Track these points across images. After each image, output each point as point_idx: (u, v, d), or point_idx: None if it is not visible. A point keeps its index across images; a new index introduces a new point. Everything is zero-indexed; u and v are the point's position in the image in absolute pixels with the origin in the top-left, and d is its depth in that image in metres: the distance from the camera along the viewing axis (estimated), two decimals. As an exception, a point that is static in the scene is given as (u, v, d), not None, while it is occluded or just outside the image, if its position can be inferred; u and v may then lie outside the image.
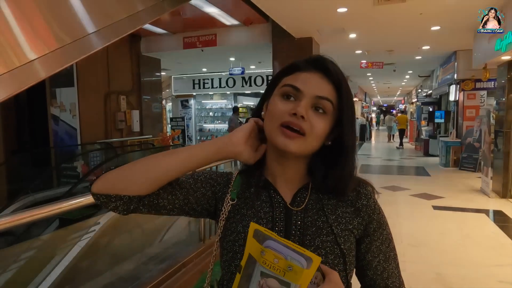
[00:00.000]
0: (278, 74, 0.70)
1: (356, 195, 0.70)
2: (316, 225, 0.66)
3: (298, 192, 0.70)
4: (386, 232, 0.71)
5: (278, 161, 0.70)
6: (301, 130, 0.63)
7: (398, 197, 5.64)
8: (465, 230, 4.07)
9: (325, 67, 0.66)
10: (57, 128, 6.51)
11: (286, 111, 0.63)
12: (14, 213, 1.64)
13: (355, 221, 0.69)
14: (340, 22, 5.56)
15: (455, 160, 8.32)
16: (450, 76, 8.74)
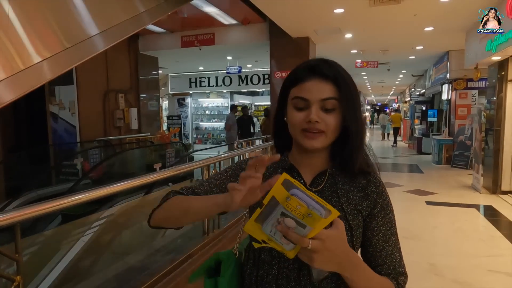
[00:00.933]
0: (286, 85, 0.81)
1: (367, 183, 0.82)
2: (330, 204, 0.77)
3: (317, 176, 0.81)
4: (389, 217, 0.81)
5: (303, 152, 0.81)
6: (319, 131, 0.75)
7: (392, 193, 5.80)
8: (457, 224, 4.23)
9: (320, 71, 0.76)
10: (56, 126, 6.54)
11: (302, 120, 0.75)
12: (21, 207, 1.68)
13: (364, 203, 0.80)
14: (336, 22, 5.69)
15: (448, 157, 8.51)
16: (443, 75, 8.92)
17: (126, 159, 5.82)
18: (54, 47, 2.87)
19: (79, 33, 3.17)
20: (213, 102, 12.78)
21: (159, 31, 7.44)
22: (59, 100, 6.54)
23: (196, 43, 7.35)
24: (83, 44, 3.18)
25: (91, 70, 6.60)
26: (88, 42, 3.24)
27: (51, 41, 2.88)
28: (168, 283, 2.21)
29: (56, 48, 2.87)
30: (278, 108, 0.84)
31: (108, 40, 3.46)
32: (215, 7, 6.01)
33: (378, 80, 15.62)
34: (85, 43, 3.20)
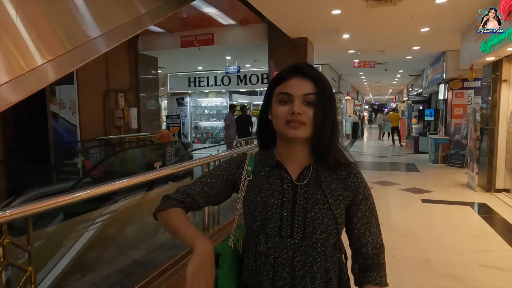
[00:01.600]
0: (271, 85, 0.92)
1: (347, 174, 0.92)
2: (315, 197, 0.88)
3: (303, 171, 0.90)
4: (369, 202, 0.94)
5: (287, 146, 0.91)
6: (301, 122, 0.85)
7: (388, 191, 5.89)
8: (451, 220, 4.32)
9: (302, 71, 0.87)
10: (57, 125, 6.60)
11: (286, 112, 0.85)
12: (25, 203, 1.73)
13: (345, 194, 0.90)
14: (334, 23, 5.77)
15: (444, 156, 8.61)
16: (439, 75, 9.01)
17: (127, 158, 5.88)
18: (56, 49, 2.93)
19: (81, 36, 3.23)
20: (212, 101, 12.85)
21: (158, 31, 7.50)
22: (60, 100, 6.60)
23: (195, 43, 7.42)
24: (85, 46, 3.24)
25: (91, 70, 6.65)
26: (90, 44, 3.30)
27: (53, 44, 2.94)
28: (170, 277, 2.29)
29: (58, 50, 2.94)
30: (263, 107, 0.94)
31: (109, 42, 3.52)
32: (215, 7, 6.08)
33: (376, 80, 15.72)
34: (87, 45, 3.26)
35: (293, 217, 0.86)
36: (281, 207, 0.87)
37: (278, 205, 0.87)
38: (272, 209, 0.87)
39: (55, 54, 2.88)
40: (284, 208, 0.87)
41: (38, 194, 4.78)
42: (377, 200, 0.98)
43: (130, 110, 7.54)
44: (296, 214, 0.86)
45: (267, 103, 0.92)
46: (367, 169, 8.48)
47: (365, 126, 22.85)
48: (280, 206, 0.87)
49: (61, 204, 1.65)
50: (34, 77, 2.73)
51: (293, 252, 0.85)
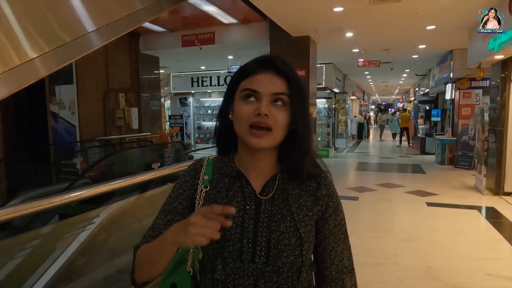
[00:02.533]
0: (235, 78, 0.77)
1: (317, 186, 0.79)
2: (281, 213, 0.75)
3: (267, 182, 0.78)
4: (339, 218, 0.81)
5: (250, 154, 0.77)
6: (267, 127, 0.71)
7: (393, 194, 5.73)
8: (457, 225, 4.15)
9: (274, 65, 0.74)
10: (56, 125, 6.56)
11: (250, 112, 0.71)
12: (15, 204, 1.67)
13: (315, 208, 0.78)
14: (336, 21, 5.63)
15: (451, 158, 8.41)
16: (446, 74, 8.81)
17: (125, 159, 5.80)
18: (51, 42, 2.85)
19: (76, 29, 3.15)
20: (215, 101, 12.76)
21: (159, 30, 7.42)
22: (60, 100, 6.56)
23: (196, 43, 7.33)
24: (82, 40, 3.16)
25: (91, 70, 6.61)
26: (86, 38, 3.22)
27: (48, 37, 2.86)
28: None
29: (53, 43, 2.86)
30: (223, 104, 0.80)
31: (106, 36, 3.43)
32: (215, 6, 5.98)
33: (382, 79, 15.51)
34: (83, 39, 3.18)
35: (255, 238, 0.74)
36: (241, 227, 0.74)
37: (238, 224, 0.75)
38: (231, 229, 0.74)
39: (49, 47, 2.80)
40: (245, 228, 0.74)
41: (35, 195, 4.72)
42: (380, 203, 0.87)
43: (131, 110, 7.48)
44: (259, 235, 0.74)
45: (229, 100, 0.77)
46: (372, 171, 8.32)
47: (371, 126, 22.59)
48: (240, 225, 0.75)
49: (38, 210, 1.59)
50: (28, 70, 2.65)
51: (255, 279, 0.73)
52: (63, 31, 3.00)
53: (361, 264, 3.03)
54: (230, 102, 0.77)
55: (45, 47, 2.77)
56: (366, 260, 3.15)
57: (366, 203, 5.19)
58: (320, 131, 10.61)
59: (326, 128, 10.87)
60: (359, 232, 3.89)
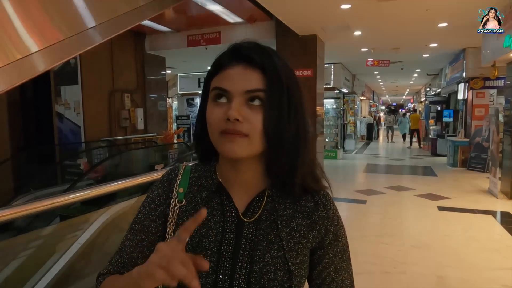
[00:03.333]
0: (207, 77, 0.65)
1: (314, 206, 0.65)
2: (267, 239, 0.62)
3: (253, 201, 0.64)
4: (341, 244, 0.67)
5: (231, 165, 0.63)
6: (241, 133, 0.57)
7: (402, 197, 5.54)
8: (470, 232, 3.96)
9: (245, 55, 0.60)
10: (62, 126, 6.56)
11: (221, 117, 0.58)
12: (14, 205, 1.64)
13: (310, 234, 0.64)
14: (344, 19, 5.48)
15: (463, 160, 8.16)
16: (459, 74, 8.57)
17: (128, 160, 5.75)
18: (49, 37, 2.79)
19: (78, 23, 3.09)
20: (222, 102, 12.71)
21: (165, 30, 7.37)
22: (65, 100, 6.55)
23: (202, 42, 7.26)
24: (83, 34, 3.10)
25: (96, 70, 6.59)
26: (88, 33, 3.16)
27: (47, 31, 2.80)
28: None
29: (54, 37, 2.80)
30: (201, 106, 0.66)
31: (108, 32, 3.37)
32: (220, 5, 5.89)
33: (392, 79, 15.23)
34: (84, 34, 3.12)
35: (233, 269, 0.60)
36: (217, 254, 0.61)
37: (214, 250, 0.61)
38: (205, 257, 0.61)
39: (49, 42, 2.75)
40: (222, 256, 0.61)
41: (40, 196, 4.70)
42: (389, 207, 0.73)
43: (136, 110, 7.45)
44: (237, 266, 0.60)
45: (205, 100, 0.64)
46: (381, 173, 8.12)
47: (381, 127, 22.24)
48: (216, 252, 0.61)
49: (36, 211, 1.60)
50: (27, 65, 2.60)
51: None
52: (65, 25, 2.94)
53: (368, 272, 2.89)
54: (206, 104, 0.64)
55: (47, 42, 2.71)
56: (373, 268, 2.99)
57: (374, 206, 5.02)
58: (328, 132, 10.44)
59: (334, 129, 10.70)
60: (366, 237, 3.74)
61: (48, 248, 2.92)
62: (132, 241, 0.66)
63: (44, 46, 2.72)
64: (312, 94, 6.47)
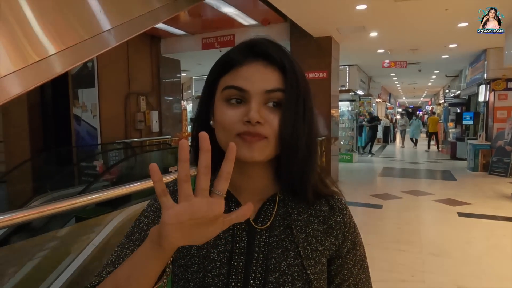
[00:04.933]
0: (214, 76, 0.59)
1: (330, 211, 0.61)
2: (282, 246, 0.57)
3: (264, 206, 0.60)
4: (359, 253, 0.63)
5: (240, 169, 0.58)
6: (261, 136, 0.54)
7: (420, 202, 5.38)
8: (493, 239, 3.80)
9: (263, 52, 0.56)
10: (79, 128, 6.68)
11: (237, 119, 0.54)
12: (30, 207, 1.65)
13: (328, 241, 0.60)
14: (360, 19, 5.39)
15: (484, 164, 7.89)
16: (480, 75, 8.32)
17: (143, 162, 5.81)
18: (66, 39, 2.84)
19: (94, 26, 3.13)
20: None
21: (180, 33, 7.44)
22: (82, 103, 6.68)
23: (216, 45, 7.29)
24: (98, 38, 3.14)
25: (113, 73, 6.69)
26: (104, 35, 3.20)
27: (64, 34, 2.85)
28: None
29: (71, 40, 2.84)
30: (201, 108, 0.61)
31: (123, 35, 3.40)
32: (234, 7, 5.90)
33: (409, 81, 14.93)
34: (101, 36, 3.16)
35: (246, 281, 0.55)
36: (228, 265, 0.56)
37: (224, 261, 0.56)
38: (213, 269, 0.56)
39: (65, 44, 2.79)
40: (233, 267, 0.56)
41: (58, 196, 4.80)
42: (406, 212, 0.67)
43: (151, 113, 7.53)
44: (251, 277, 0.55)
45: (208, 101, 0.59)
46: (397, 177, 7.93)
47: (397, 130, 21.82)
48: (227, 263, 0.56)
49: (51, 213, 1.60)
50: (46, 67, 2.65)
51: None
52: (82, 28, 2.98)
53: (384, 280, 2.79)
54: (211, 104, 0.59)
55: (63, 44, 2.75)
56: (390, 276, 2.90)
57: (390, 211, 4.89)
58: (343, 135, 10.29)
59: (349, 131, 10.54)
60: (383, 243, 3.63)
61: (64, 248, 2.96)
62: (132, 251, 0.60)
63: (61, 48, 2.77)
64: (327, 96, 6.39)
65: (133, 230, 0.63)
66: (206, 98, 0.60)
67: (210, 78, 0.60)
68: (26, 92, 2.54)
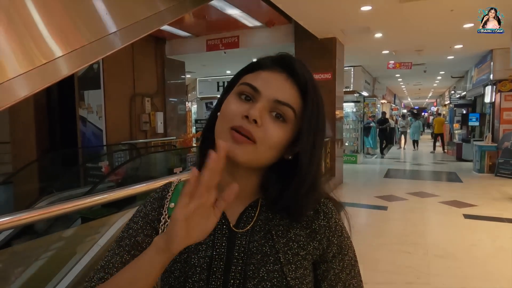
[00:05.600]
0: (240, 72, 0.61)
1: (314, 214, 0.60)
2: (262, 252, 0.57)
3: (246, 210, 0.60)
4: (348, 258, 0.62)
5: (228, 170, 0.58)
6: (250, 137, 0.53)
7: (426, 204, 5.35)
8: (499, 242, 3.77)
9: (291, 67, 0.57)
10: (85, 129, 6.74)
11: (238, 113, 0.54)
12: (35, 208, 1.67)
13: (310, 245, 0.59)
14: (364, 21, 5.37)
15: (491, 165, 7.83)
16: (486, 76, 8.26)
17: (148, 163, 5.84)
18: (73, 42, 2.86)
19: (100, 29, 3.16)
20: (241, 105, 12.74)
21: (184, 35, 7.48)
22: (88, 104, 6.74)
23: (221, 47, 7.32)
24: (104, 40, 3.16)
25: (118, 75, 6.74)
26: (110, 37, 3.22)
27: (70, 37, 2.88)
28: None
29: (75, 43, 2.87)
30: (220, 101, 0.62)
31: (128, 37, 3.43)
32: (239, 9, 5.92)
33: (414, 82, 14.85)
34: (107, 38, 3.18)
35: (225, 286, 0.56)
36: (208, 271, 0.56)
37: (204, 267, 0.57)
38: (194, 275, 0.56)
39: (72, 47, 2.82)
40: (212, 273, 0.56)
41: (62, 197, 4.84)
42: (411, 214, 0.67)
43: (156, 114, 7.57)
44: (229, 283, 0.55)
45: (225, 95, 0.61)
46: (403, 178, 7.89)
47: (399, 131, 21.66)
48: (206, 268, 0.57)
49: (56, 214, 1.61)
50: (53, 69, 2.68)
51: None
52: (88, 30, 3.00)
53: (389, 282, 2.78)
54: (226, 97, 0.61)
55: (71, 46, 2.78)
56: (395, 278, 2.89)
57: (395, 213, 4.87)
58: (348, 136, 10.27)
59: (354, 133, 10.51)
60: (387, 245, 3.62)
61: (70, 248, 2.99)
62: (122, 257, 0.60)
63: (68, 51, 2.79)
64: (332, 98, 6.38)
65: (123, 235, 0.63)
66: (225, 93, 0.62)
67: (235, 76, 0.62)
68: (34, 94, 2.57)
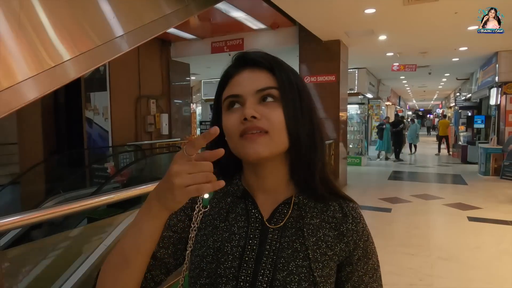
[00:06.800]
0: (217, 93, 0.65)
1: (343, 218, 0.63)
2: (293, 247, 0.60)
3: (279, 207, 0.63)
4: (372, 262, 0.64)
5: (255, 171, 0.63)
6: (261, 130, 0.57)
7: (430, 206, 5.34)
8: (503, 244, 3.76)
9: (249, 58, 0.62)
10: (91, 131, 6.81)
11: (237, 120, 0.58)
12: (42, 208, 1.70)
13: (338, 246, 0.62)
14: (368, 23, 5.39)
15: (496, 168, 7.78)
16: (491, 78, 8.22)
17: (152, 164, 5.89)
18: (80, 45, 2.91)
19: (107, 32, 3.21)
20: (245, 107, 12.78)
21: (189, 37, 7.54)
22: (94, 106, 6.81)
23: (225, 49, 7.36)
24: (111, 43, 3.21)
25: (124, 77, 6.81)
26: (117, 41, 3.27)
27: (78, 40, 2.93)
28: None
29: (82, 47, 2.92)
30: (213, 122, 0.66)
31: (134, 40, 3.47)
32: (243, 12, 5.96)
33: (419, 84, 14.80)
34: (112, 42, 3.23)
35: (255, 276, 0.58)
36: (239, 259, 0.59)
37: (236, 256, 0.60)
38: (226, 262, 0.59)
39: (79, 50, 2.86)
40: (244, 262, 0.59)
41: (69, 198, 4.90)
42: (415, 216, 0.70)
43: (161, 116, 7.63)
44: (260, 273, 0.58)
45: (218, 117, 0.64)
46: (407, 180, 7.87)
47: (407, 133, 21.56)
48: (238, 257, 0.60)
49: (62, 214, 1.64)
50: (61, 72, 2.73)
51: None
52: (95, 34, 3.05)
53: (392, 283, 2.80)
54: (221, 121, 0.63)
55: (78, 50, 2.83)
56: (398, 280, 2.90)
57: (399, 215, 4.87)
58: (352, 138, 10.26)
59: (358, 135, 10.51)
60: (391, 247, 3.63)
61: (76, 248, 3.03)
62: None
63: (75, 54, 2.85)
64: (336, 100, 6.40)
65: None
66: (215, 113, 0.66)
67: (216, 96, 0.66)
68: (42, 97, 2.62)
